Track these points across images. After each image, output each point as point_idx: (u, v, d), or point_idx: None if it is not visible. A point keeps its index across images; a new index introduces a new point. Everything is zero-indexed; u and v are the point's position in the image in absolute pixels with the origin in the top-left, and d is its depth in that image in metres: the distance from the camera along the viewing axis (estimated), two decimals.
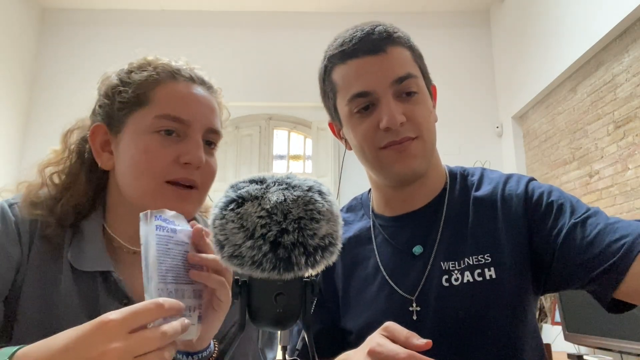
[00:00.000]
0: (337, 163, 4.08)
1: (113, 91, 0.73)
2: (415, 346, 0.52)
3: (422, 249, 0.80)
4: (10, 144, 3.93)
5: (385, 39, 0.77)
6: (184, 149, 0.70)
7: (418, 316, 0.77)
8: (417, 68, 0.80)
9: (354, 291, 0.84)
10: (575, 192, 3.21)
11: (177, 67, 0.75)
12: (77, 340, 0.43)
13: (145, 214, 0.52)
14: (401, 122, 0.75)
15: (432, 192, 0.84)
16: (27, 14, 4.20)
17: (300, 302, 0.45)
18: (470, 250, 0.77)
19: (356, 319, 0.82)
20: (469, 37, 4.36)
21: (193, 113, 0.72)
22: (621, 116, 2.76)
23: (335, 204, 0.45)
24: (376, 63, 0.76)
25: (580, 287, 0.72)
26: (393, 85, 0.76)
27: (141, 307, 0.45)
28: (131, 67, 0.75)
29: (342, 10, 4.36)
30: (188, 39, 4.30)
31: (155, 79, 0.72)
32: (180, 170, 0.70)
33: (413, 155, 0.77)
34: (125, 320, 0.44)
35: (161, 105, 0.71)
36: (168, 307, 0.47)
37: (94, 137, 0.74)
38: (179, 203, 0.69)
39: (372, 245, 0.85)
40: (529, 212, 0.76)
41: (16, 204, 0.72)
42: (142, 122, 0.71)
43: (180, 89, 0.73)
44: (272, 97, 4.28)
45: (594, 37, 2.88)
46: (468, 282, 0.75)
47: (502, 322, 0.74)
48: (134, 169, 0.70)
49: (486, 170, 0.88)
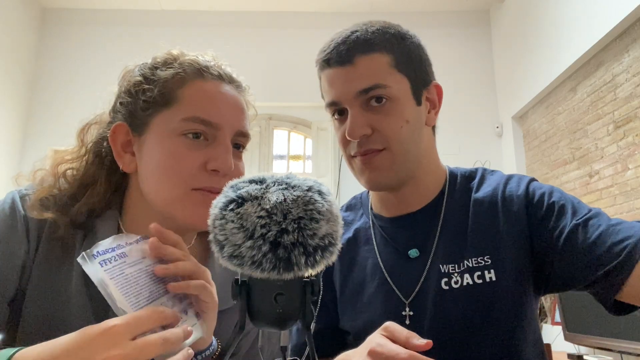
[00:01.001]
0: (337, 163, 4.08)
1: (137, 89, 0.69)
2: (415, 346, 0.52)
3: (418, 252, 0.80)
4: (10, 144, 3.93)
5: (354, 49, 0.76)
6: (212, 154, 0.66)
7: (411, 320, 0.76)
8: (397, 75, 0.77)
9: (352, 291, 0.84)
10: (575, 192, 3.21)
11: (205, 64, 0.71)
12: (80, 344, 0.43)
13: (82, 257, 0.50)
14: (364, 134, 0.75)
15: (429, 195, 0.83)
16: (27, 14, 4.20)
17: (300, 302, 0.45)
18: (469, 252, 0.76)
19: (354, 320, 0.82)
20: (469, 37, 4.36)
21: (222, 115, 0.68)
22: (621, 116, 2.76)
23: (335, 204, 0.45)
24: (342, 74, 0.76)
25: (583, 289, 0.72)
26: (359, 96, 0.75)
27: (144, 313, 0.45)
28: (155, 62, 0.71)
29: (342, 10, 4.36)
30: (188, 39, 4.27)
31: (182, 76, 0.68)
32: (208, 178, 0.66)
33: (378, 167, 0.77)
34: (129, 326, 0.44)
35: (189, 106, 0.67)
36: (169, 315, 0.47)
37: (115, 137, 0.69)
38: (206, 209, 0.67)
39: (371, 245, 0.85)
40: (529, 213, 0.76)
41: (28, 196, 0.68)
42: (168, 124, 0.66)
43: (209, 89, 0.69)
44: (272, 97, 4.28)
45: (594, 37, 2.88)
46: (468, 285, 0.74)
47: (502, 323, 0.74)
48: (159, 174, 0.66)
49: (487, 170, 0.87)
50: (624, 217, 2.71)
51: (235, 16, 4.45)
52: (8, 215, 0.66)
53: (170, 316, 0.47)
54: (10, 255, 0.64)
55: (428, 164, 0.83)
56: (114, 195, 0.72)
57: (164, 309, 0.47)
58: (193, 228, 0.70)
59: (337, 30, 0.83)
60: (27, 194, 0.68)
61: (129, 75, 0.72)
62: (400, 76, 0.77)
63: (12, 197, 0.68)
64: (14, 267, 0.64)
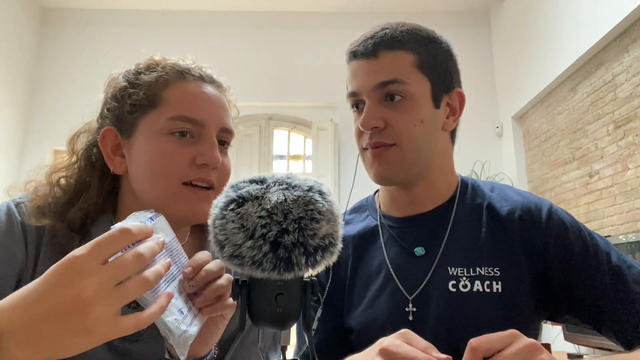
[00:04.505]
0: (337, 163, 4.08)
1: (122, 94, 0.72)
2: (436, 357, 0.51)
3: (424, 251, 0.80)
4: (10, 144, 3.93)
5: (380, 43, 0.78)
6: (200, 150, 0.69)
7: (414, 317, 0.77)
8: (419, 74, 0.78)
9: (358, 289, 0.84)
10: (575, 192, 3.22)
11: (186, 67, 0.74)
12: (49, 285, 0.41)
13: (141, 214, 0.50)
14: (376, 127, 0.77)
15: (440, 198, 0.84)
16: (27, 14, 4.20)
17: (300, 302, 0.45)
18: (482, 260, 0.77)
19: (358, 317, 0.82)
20: (469, 37, 4.36)
21: (206, 113, 0.71)
22: (621, 116, 2.77)
23: (335, 204, 0.45)
24: (366, 66, 0.79)
25: (597, 331, 0.76)
26: (376, 89, 0.77)
27: (106, 236, 0.43)
28: (139, 68, 0.74)
29: (342, 10, 4.35)
30: (188, 39, 4.30)
31: (165, 79, 0.71)
32: (197, 172, 0.69)
33: (386, 162, 0.78)
34: (93, 252, 0.42)
35: (174, 107, 0.70)
36: (136, 232, 0.45)
37: (104, 141, 0.72)
38: (197, 204, 0.69)
39: (379, 243, 0.85)
40: (550, 246, 0.77)
41: (23, 204, 0.70)
42: (155, 124, 0.70)
43: (191, 89, 0.72)
44: (272, 97, 4.28)
45: (594, 37, 2.88)
46: (478, 292, 0.75)
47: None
48: (150, 172, 0.69)
49: (495, 184, 0.88)
50: (624, 217, 2.71)
51: (235, 16, 4.45)
52: (4, 222, 0.67)
53: (141, 232, 0.45)
54: (9, 260, 0.65)
55: (441, 168, 0.84)
56: (107, 199, 0.74)
57: (131, 225, 0.44)
58: (187, 221, 0.73)
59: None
60: (22, 202, 0.70)
61: (114, 82, 0.75)
62: (422, 77, 0.79)
63: (7, 205, 0.70)
64: (13, 271, 0.65)
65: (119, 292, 0.42)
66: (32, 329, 0.41)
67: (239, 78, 4.32)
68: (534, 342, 0.51)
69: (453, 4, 4.38)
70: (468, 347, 0.51)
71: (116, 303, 0.42)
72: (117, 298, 0.42)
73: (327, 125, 4.12)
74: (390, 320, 0.77)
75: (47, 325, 0.41)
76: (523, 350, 0.50)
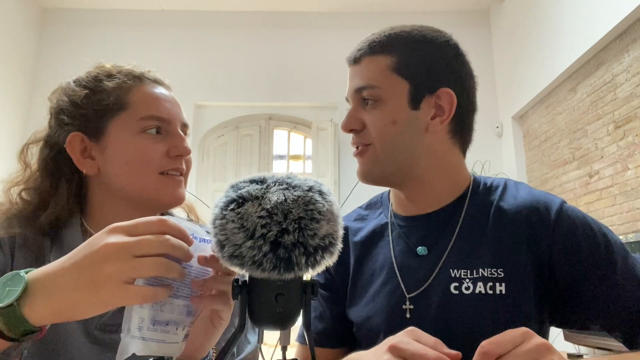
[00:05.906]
0: (337, 163, 4.08)
1: (85, 100, 0.78)
2: (445, 353, 0.51)
3: (427, 251, 0.80)
4: (10, 143, 3.93)
5: (364, 50, 0.82)
6: (172, 143, 0.78)
7: (412, 315, 0.77)
8: (394, 77, 0.79)
9: (362, 284, 0.85)
10: (575, 192, 3.22)
11: (140, 72, 0.81)
12: (81, 247, 0.46)
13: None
14: (353, 129, 0.82)
15: (444, 199, 0.83)
16: (27, 14, 4.20)
17: (300, 302, 0.45)
18: (486, 261, 0.76)
19: (359, 311, 0.83)
20: (469, 37, 4.34)
21: (170, 111, 0.80)
22: (621, 116, 2.77)
23: (335, 204, 0.45)
24: (351, 73, 0.85)
25: (606, 332, 0.75)
26: (355, 94, 0.83)
27: (145, 219, 0.47)
28: (97, 75, 0.80)
29: (342, 10, 4.35)
30: (188, 39, 4.30)
31: (128, 84, 0.79)
32: (172, 162, 0.78)
33: (365, 161, 0.83)
34: (127, 225, 0.46)
35: (142, 108, 0.77)
36: (174, 226, 0.48)
37: (71, 146, 0.77)
38: (176, 190, 0.78)
39: (386, 239, 0.86)
40: (556, 246, 0.75)
41: None
42: (127, 125, 0.76)
43: (151, 91, 0.80)
44: (272, 97, 4.28)
45: (594, 37, 2.88)
46: (480, 294, 0.74)
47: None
48: (131, 168, 0.76)
49: (509, 182, 0.86)
50: (624, 217, 2.71)
51: (235, 16, 4.45)
52: None
53: (174, 227, 0.48)
54: None
55: (437, 169, 0.82)
56: (75, 202, 0.79)
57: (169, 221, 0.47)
58: (168, 206, 0.81)
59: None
60: None
61: (69, 90, 0.81)
62: (399, 79, 0.79)
63: None
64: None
65: (134, 262, 0.44)
66: (54, 280, 0.45)
67: (239, 78, 4.33)
68: (545, 342, 0.51)
69: (453, 4, 4.38)
70: (479, 350, 0.51)
71: (128, 271, 0.44)
72: (130, 267, 0.44)
73: (327, 125, 4.12)
74: (387, 316, 0.78)
75: (65, 278, 0.45)
76: (534, 349, 0.50)
